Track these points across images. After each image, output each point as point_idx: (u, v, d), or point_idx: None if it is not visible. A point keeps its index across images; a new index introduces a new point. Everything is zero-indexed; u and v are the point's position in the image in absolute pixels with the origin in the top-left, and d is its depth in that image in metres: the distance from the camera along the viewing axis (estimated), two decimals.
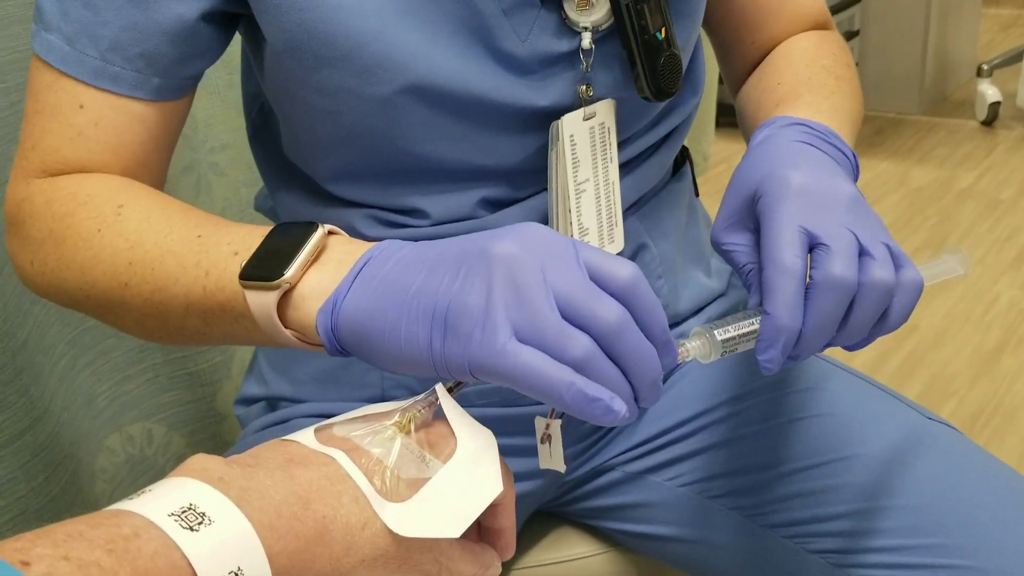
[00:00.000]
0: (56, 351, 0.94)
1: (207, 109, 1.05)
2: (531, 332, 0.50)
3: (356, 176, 0.75)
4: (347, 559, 0.46)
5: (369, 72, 0.68)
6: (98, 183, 0.67)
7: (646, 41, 0.71)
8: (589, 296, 0.50)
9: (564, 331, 0.50)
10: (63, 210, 0.66)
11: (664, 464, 0.86)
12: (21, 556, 0.38)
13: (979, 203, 2.88)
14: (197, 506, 0.42)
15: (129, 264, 0.62)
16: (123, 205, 0.64)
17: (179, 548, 0.41)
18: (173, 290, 0.60)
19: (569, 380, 0.49)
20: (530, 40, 0.70)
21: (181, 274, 0.60)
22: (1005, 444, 1.88)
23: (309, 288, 0.55)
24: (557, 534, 0.92)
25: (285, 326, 0.56)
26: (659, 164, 0.82)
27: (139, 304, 0.62)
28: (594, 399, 0.49)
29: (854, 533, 0.77)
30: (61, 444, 0.93)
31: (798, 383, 0.84)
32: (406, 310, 0.52)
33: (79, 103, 0.67)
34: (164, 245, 0.61)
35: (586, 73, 0.72)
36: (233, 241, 0.59)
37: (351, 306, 0.53)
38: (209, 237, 0.60)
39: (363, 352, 0.54)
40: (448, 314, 0.51)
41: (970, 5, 3.69)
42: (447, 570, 0.51)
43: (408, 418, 0.52)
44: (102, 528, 0.40)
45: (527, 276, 0.50)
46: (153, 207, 0.65)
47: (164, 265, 0.61)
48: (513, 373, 0.49)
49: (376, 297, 0.53)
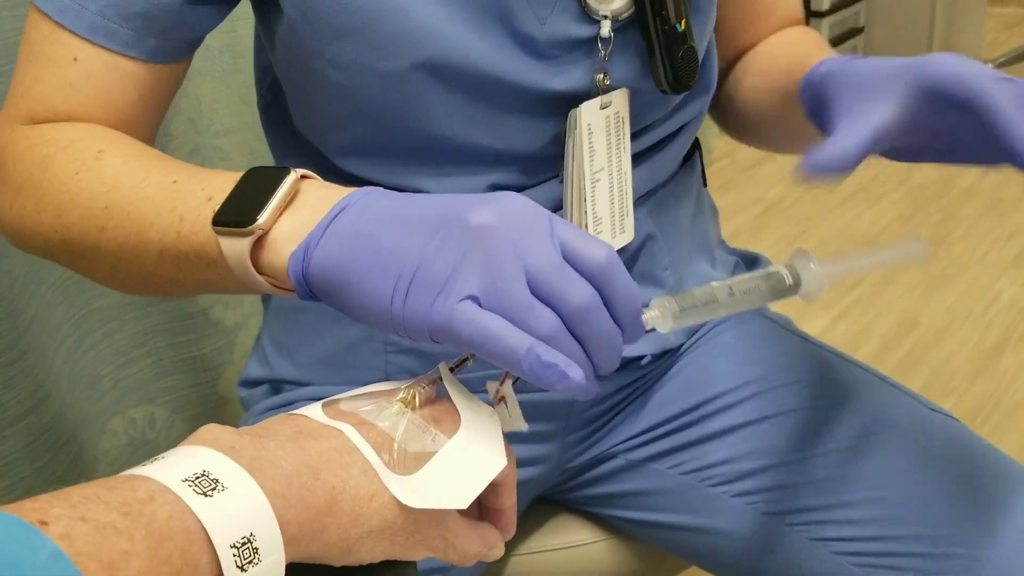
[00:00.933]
0: (61, 332, 0.94)
1: (212, 93, 1.06)
2: (497, 303, 0.50)
3: (366, 153, 0.75)
4: (355, 529, 0.47)
5: (384, 46, 0.68)
6: (80, 129, 0.67)
7: (666, 32, 0.71)
8: (560, 275, 0.50)
9: (531, 306, 0.50)
10: (43, 153, 0.66)
11: (666, 452, 0.86)
12: (40, 516, 0.38)
13: (981, 201, 2.87)
14: (210, 472, 0.43)
15: (105, 208, 0.62)
16: (103, 151, 0.64)
17: (193, 513, 0.41)
18: (148, 235, 0.60)
19: (528, 344, 0.49)
20: (549, 23, 0.70)
21: (156, 219, 0.60)
22: (1004, 441, 1.88)
23: (283, 233, 0.55)
24: (558, 521, 0.93)
25: (258, 271, 0.56)
26: (670, 158, 0.82)
27: (114, 249, 0.62)
28: (549, 364, 0.49)
29: (857, 522, 0.78)
30: (65, 425, 0.93)
31: (802, 373, 0.85)
32: (376, 266, 0.51)
33: (73, 56, 0.67)
34: (141, 190, 0.61)
35: (604, 61, 0.72)
36: (208, 187, 0.59)
37: (322, 254, 0.53)
38: (185, 183, 0.60)
39: (331, 299, 0.54)
40: (416, 276, 0.50)
41: (975, 4, 3.68)
42: (452, 546, 0.51)
43: (413, 394, 0.52)
44: (117, 492, 0.41)
45: (500, 248, 0.50)
46: (131, 154, 0.64)
47: (140, 209, 0.60)
48: (472, 335, 0.49)
49: (349, 248, 0.52)
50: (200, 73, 1.03)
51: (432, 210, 0.53)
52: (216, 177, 0.60)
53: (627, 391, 0.87)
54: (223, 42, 1.05)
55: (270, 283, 0.56)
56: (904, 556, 0.76)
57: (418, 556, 0.51)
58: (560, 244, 0.51)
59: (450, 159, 0.74)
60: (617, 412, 0.87)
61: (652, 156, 0.80)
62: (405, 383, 0.54)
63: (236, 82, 1.08)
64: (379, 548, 0.48)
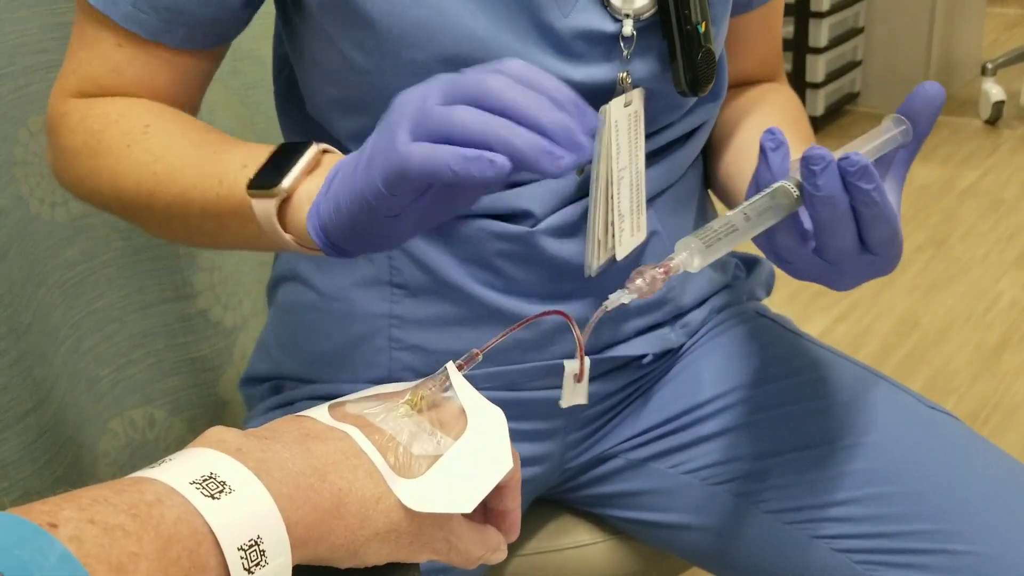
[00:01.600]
0: (60, 334, 0.94)
1: (212, 95, 1.05)
2: (423, 128, 0.52)
3: None
4: (362, 532, 0.47)
5: (406, 35, 0.69)
6: (128, 104, 0.73)
7: (687, 32, 0.71)
8: (472, 74, 0.53)
9: (447, 111, 0.52)
10: (96, 126, 0.72)
11: (668, 451, 0.86)
12: (49, 518, 0.38)
13: (982, 202, 2.88)
14: (218, 475, 0.43)
15: (154, 174, 0.69)
16: (149, 125, 0.71)
17: (201, 515, 0.41)
18: (191, 195, 0.67)
19: (450, 152, 0.50)
20: (572, 16, 0.71)
21: (199, 181, 0.67)
22: (1005, 441, 1.88)
23: (304, 195, 0.62)
24: (559, 522, 0.93)
25: (286, 229, 0.63)
26: (681, 160, 0.83)
27: (163, 208, 0.69)
28: (472, 159, 0.50)
29: (858, 519, 0.78)
30: (64, 426, 0.93)
31: (802, 372, 0.85)
32: (351, 183, 0.57)
33: (118, 42, 0.73)
34: (185, 158, 0.68)
35: (625, 60, 0.73)
36: (244, 156, 0.66)
37: (324, 205, 0.59)
38: (224, 153, 0.67)
39: (348, 241, 0.59)
40: (367, 154, 0.56)
41: (975, 4, 3.68)
42: (456, 549, 0.51)
43: (419, 396, 0.53)
44: (126, 494, 0.41)
45: (420, 90, 0.54)
46: (175, 128, 0.71)
47: (184, 174, 0.68)
48: (407, 166, 0.52)
49: (336, 190, 0.58)
50: None
51: None
52: (252, 149, 0.66)
53: (628, 390, 0.87)
54: None
55: (295, 241, 0.63)
56: (905, 553, 0.76)
57: (422, 558, 0.51)
58: None
59: None
60: (618, 412, 0.87)
61: (664, 157, 0.81)
62: (411, 385, 0.54)
63: (236, 84, 1.08)
64: (384, 550, 0.49)
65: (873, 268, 0.65)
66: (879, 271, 0.66)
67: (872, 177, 0.59)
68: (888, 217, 0.61)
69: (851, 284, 0.67)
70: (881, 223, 0.61)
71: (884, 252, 0.64)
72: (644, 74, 0.74)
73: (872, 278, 0.66)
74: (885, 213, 0.61)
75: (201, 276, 1.06)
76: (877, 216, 0.61)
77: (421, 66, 0.70)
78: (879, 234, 0.62)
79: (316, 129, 0.80)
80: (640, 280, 0.56)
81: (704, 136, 0.85)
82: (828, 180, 0.59)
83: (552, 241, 0.76)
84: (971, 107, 3.55)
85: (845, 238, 0.62)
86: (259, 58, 1.08)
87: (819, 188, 0.59)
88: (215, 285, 1.08)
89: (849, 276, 0.66)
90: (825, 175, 0.59)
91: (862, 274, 0.66)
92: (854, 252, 0.63)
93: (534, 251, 0.76)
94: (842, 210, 0.60)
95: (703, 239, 0.58)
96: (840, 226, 0.61)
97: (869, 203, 0.60)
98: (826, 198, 0.60)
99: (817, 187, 0.59)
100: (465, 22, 0.69)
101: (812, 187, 0.60)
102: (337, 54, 0.73)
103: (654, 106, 0.76)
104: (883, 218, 0.61)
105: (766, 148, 0.63)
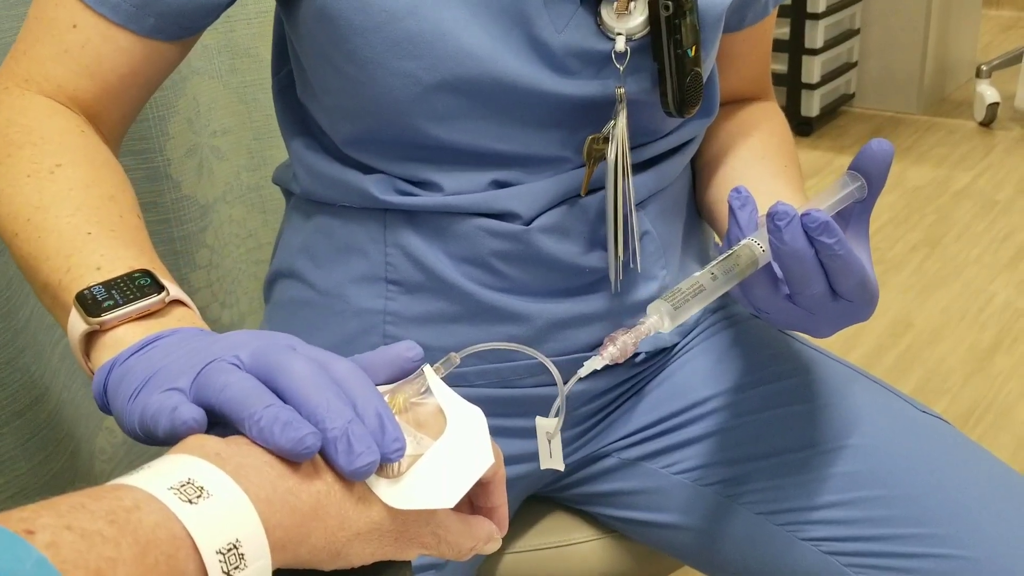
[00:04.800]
0: (58, 331, 0.94)
1: (209, 93, 1.06)
2: (202, 395, 0.49)
3: (372, 144, 0.76)
4: (342, 533, 0.47)
5: (398, 47, 0.69)
6: (55, 129, 0.69)
7: (679, 56, 0.72)
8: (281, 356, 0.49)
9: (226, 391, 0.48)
10: (16, 139, 0.68)
11: (660, 452, 0.86)
12: (26, 525, 0.38)
13: (976, 203, 2.88)
14: (196, 480, 0.43)
15: (28, 221, 0.64)
16: (60, 165, 0.66)
17: (179, 520, 0.41)
18: (41, 265, 0.63)
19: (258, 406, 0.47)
20: (565, 33, 0.72)
21: (53, 256, 0.62)
22: (997, 442, 1.89)
23: (114, 340, 0.57)
24: (551, 520, 0.93)
25: (87, 356, 0.58)
26: (669, 170, 0.83)
27: (17, 256, 0.65)
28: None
29: (846, 522, 0.78)
30: (61, 423, 0.93)
31: (793, 375, 0.85)
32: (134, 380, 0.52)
33: (73, 22, 0.70)
34: (60, 222, 0.63)
35: (619, 76, 0.73)
36: (106, 256, 0.61)
37: (115, 374, 0.54)
38: (94, 240, 0.62)
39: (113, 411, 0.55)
40: (152, 377, 0.51)
41: (970, 6, 3.69)
42: (445, 542, 0.51)
43: (398, 398, 0.53)
44: (104, 500, 0.41)
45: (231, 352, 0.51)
46: (82, 180, 0.66)
47: (47, 240, 0.63)
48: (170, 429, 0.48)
49: (130, 371, 0.53)
50: (198, 73, 1.04)
51: (194, 350, 0.53)
52: (122, 250, 0.62)
53: (621, 390, 0.87)
54: (221, 42, 1.06)
55: (89, 369, 0.58)
56: (894, 557, 0.76)
57: (411, 555, 0.51)
58: None
59: (454, 157, 0.75)
60: (611, 411, 0.88)
61: (654, 166, 0.82)
62: (390, 388, 0.54)
63: (234, 82, 1.08)
64: (368, 550, 0.48)
65: (848, 314, 0.68)
66: (855, 317, 0.68)
67: (834, 231, 0.62)
68: (853, 267, 0.64)
69: (829, 331, 0.69)
70: (847, 274, 0.64)
71: (856, 299, 0.66)
72: (636, 90, 0.75)
73: (850, 324, 0.69)
74: (850, 264, 0.64)
75: (198, 274, 1.07)
76: (842, 268, 0.64)
77: (411, 77, 0.70)
78: (847, 283, 0.65)
79: (314, 127, 0.81)
80: (612, 347, 0.59)
81: (695, 147, 0.86)
82: (793, 235, 0.62)
83: (547, 239, 0.77)
84: (966, 109, 3.56)
85: (815, 287, 0.65)
86: (257, 56, 1.08)
87: (785, 243, 0.62)
88: (212, 283, 1.08)
89: (825, 324, 0.68)
90: (789, 230, 0.62)
91: (838, 321, 0.68)
92: (827, 300, 0.66)
93: (529, 249, 0.77)
94: (809, 262, 0.63)
95: (672, 302, 0.61)
96: (809, 277, 0.64)
97: (833, 256, 0.63)
98: (792, 252, 0.63)
99: (783, 241, 0.62)
100: (458, 35, 0.69)
101: (778, 241, 0.62)
102: (329, 64, 0.73)
103: (645, 120, 0.77)
104: (848, 269, 0.64)
105: (733, 207, 0.66)
